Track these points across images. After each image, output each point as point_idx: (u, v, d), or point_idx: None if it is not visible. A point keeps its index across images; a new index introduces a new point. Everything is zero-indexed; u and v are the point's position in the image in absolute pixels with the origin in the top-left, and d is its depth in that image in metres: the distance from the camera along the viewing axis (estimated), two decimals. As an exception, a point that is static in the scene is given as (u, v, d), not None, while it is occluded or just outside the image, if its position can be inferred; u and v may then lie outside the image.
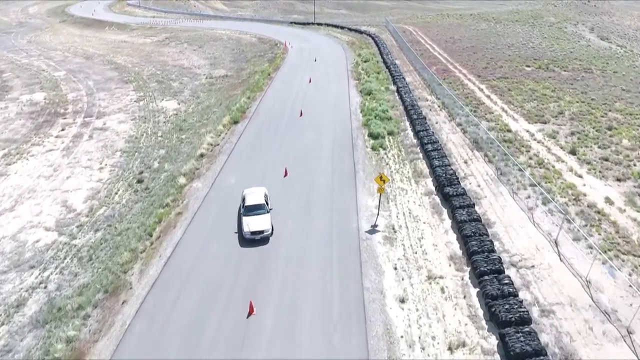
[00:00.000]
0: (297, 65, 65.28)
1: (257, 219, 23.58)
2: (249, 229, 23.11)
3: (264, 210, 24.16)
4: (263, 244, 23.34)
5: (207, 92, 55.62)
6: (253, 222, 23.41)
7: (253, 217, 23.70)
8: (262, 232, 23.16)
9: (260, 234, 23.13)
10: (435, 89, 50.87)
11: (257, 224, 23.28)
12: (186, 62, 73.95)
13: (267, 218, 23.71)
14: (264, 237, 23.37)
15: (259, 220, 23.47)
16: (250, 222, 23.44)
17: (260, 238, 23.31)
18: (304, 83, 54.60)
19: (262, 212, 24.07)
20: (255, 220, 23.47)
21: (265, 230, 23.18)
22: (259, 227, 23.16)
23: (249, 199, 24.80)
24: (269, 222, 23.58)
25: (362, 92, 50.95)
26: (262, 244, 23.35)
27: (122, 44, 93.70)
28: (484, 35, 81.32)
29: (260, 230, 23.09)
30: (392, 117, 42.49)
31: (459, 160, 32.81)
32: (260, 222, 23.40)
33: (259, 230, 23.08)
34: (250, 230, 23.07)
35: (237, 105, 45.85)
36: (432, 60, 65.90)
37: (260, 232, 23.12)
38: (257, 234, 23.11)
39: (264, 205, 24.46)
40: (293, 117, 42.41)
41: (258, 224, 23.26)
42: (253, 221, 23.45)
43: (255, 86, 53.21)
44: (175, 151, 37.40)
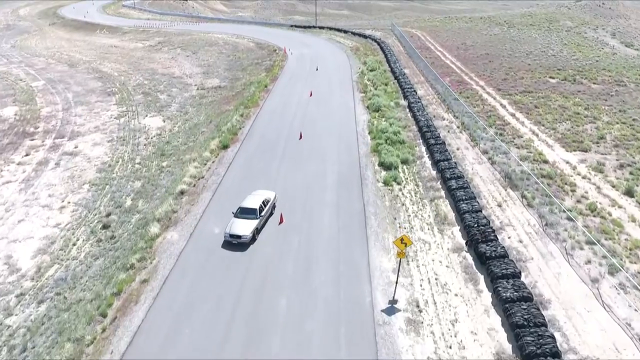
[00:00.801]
0: (297, 75, 59.74)
1: (242, 222, 23.06)
2: (229, 230, 22.76)
3: (254, 216, 23.51)
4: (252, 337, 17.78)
5: (197, 107, 50.11)
6: (237, 225, 22.95)
7: (240, 220, 23.24)
8: (240, 237, 22.52)
9: (238, 238, 22.55)
10: (452, 105, 45.31)
11: (238, 227, 22.78)
12: (177, 70, 68.47)
13: (252, 224, 23.01)
14: (241, 243, 22.65)
15: (242, 225, 22.90)
16: (234, 224, 23.05)
17: (238, 243, 22.64)
18: (304, 97, 49.07)
19: (252, 217, 23.45)
20: (239, 224, 22.97)
21: (243, 236, 22.50)
22: (238, 231, 22.62)
23: (247, 202, 24.55)
24: (252, 228, 22.82)
25: (370, 108, 45.41)
26: (252, 339, 17.78)
27: (112, 49, 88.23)
28: (498, 41, 75.74)
29: (238, 234, 22.52)
30: (405, 141, 36.95)
31: (491, 203, 27.20)
32: (243, 226, 22.83)
33: (237, 235, 22.54)
34: (230, 233, 22.67)
35: (229, 125, 40.32)
36: (445, 69, 60.31)
37: (238, 237, 22.53)
38: (235, 237, 22.56)
39: (255, 211, 23.74)
40: (291, 141, 36.86)
41: (239, 228, 22.73)
42: (237, 224, 22.99)
43: (250, 100, 47.67)
44: (153, 184, 31.87)
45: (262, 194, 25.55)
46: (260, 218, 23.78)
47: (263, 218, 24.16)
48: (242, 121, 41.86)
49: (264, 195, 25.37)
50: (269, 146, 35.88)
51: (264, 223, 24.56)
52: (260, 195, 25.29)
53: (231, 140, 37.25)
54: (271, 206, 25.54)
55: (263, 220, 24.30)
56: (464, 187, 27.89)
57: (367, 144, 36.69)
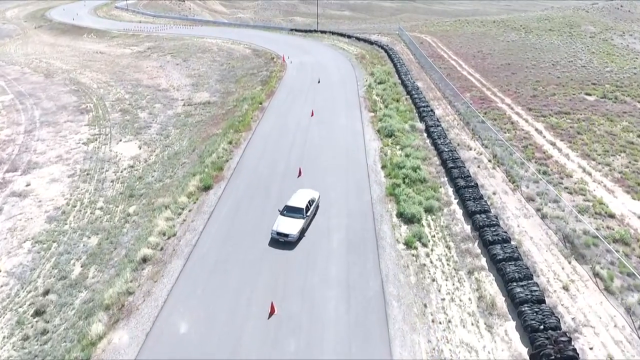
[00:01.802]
0: (297, 88, 53.02)
1: (289, 221, 23.03)
2: (277, 229, 22.70)
3: (300, 215, 23.46)
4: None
5: (181, 129, 43.42)
6: (284, 223, 22.90)
7: (286, 219, 23.19)
8: (287, 236, 22.55)
9: (285, 237, 22.57)
10: (478, 130, 38.57)
11: (286, 225, 22.74)
12: (164, 81, 61.79)
13: (299, 223, 22.97)
14: (288, 242, 22.63)
15: (290, 223, 22.88)
16: (281, 222, 23.01)
17: (285, 242, 22.65)
18: (305, 117, 42.37)
19: (299, 216, 23.41)
20: (286, 222, 22.93)
21: (291, 235, 22.52)
22: (286, 229, 22.60)
23: (293, 200, 24.43)
24: (299, 227, 22.80)
25: (381, 132, 38.70)
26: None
27: (97, 55, 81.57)
28: (517, 49, 68.98)
29: (286, 233, 22.53)
30: (427, 179, 30.29)
31: (554, 283, 20.42)
32: (290, 225, 22.77)
33: (284, 233, 22.54)
34: (277, 231, 22.64)
35: (214, 157, 33.61)
36: (463, 82, 53.56)
37: (285, 235, 22.55)
38: (282, 235, 22.58)
39: (302, 210, 23.66)
40: (288, 179, 30.16)
41: (287, 226, 22.70)
42: (284, 222, 22.95)
43: (241, 123, 40.95)
44: (112, 241, 25.19)
45: (307, 193, 25.20)
46: (307, 218, 23.60)
47: (309, 218, 23.96)
48: (230, 151, 35.12)
49: (309, 195, 25.07)
50: (260, 187, 29.14)
51: (308, 224, 24.13)
52: (306, 195, 25.00)
53: (215, 179, 30.52)
54: (315, 206, 25.25)
55: (308, 221, 23.96)
56: (515, 257, 21.17)
57: (381, 183, 29.98)
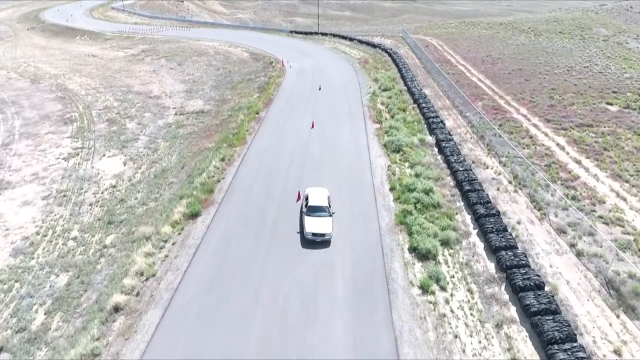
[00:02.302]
0: (296, 96, 49.78)
1: (319, 220, 23.07)
2: (311, 230, 22.57)
3: (326, 213, 23.66)
4: None
5: (171, 141, 40.18)
6: (315, 223, 22.85)
7: (315, 219, 23.19)
8: (324, 235, 22.58)
9: (321, 236, 22.59)
10: (494, 144, 35.32)
11: (319, 226, 22.71)
12: (156, 88, 58.55)
13: (329, 221, 23.16)
14: (324, 240, 22.76)
15: (321, 223, 22.90)
16: (312, 223, 22.89)
17: (321, 241, 22.73)
18: (305, 129, 39.13)
19: (325, 214, 23.56)
20: (317, 222, 22.91)
21: (327, 233, 22.61)
22: (320, 229, 22.57)
23: (313, 200, 24.30)
24: (331, 225, 23.00)
25: (388, 147, 35.48)
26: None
27: (88, 59, 78.35)
28: (528, 53, 65.71)
29: (322, 233, 22.53)
30: (441, 204, 27.09)
31: (601, 344, 17.11)
32: (323, 225, 22.81)
33: (320, 233, 22.53)
34: (312, 232, 22.56)
35: (204, 176, 30.36)
36: (473, 90, 50.31)
37: (321, 235, 22.56)
38: (318, 235, 22.57)
39: (326, 208, 23.97)
40: (286, 205, 26.90)
41: (320, 227, 22.68)
42: (315, 223, 22.89)
43: (235, 136, 37.71)
44: (83, 281, 21.96)
45: (321, 191, 25.28)
46: (332, 214, 23.91)
47: (333, 215, 24.07)
48: (223, 169, 31.87)
49: (324, 192, 25.20)
50: (254, 214, 25.87)
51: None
52: (321, 192, 25.12)
53: (204, 203, 27.27)
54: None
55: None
56: (552, 310, 17.92)
57: (390, 208, 26.74)
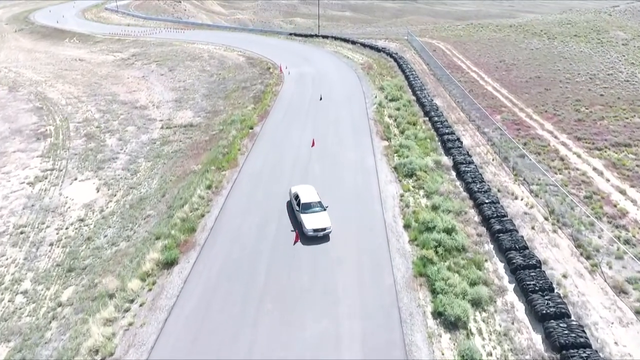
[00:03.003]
0: (295, 107, 45.32)
1: (316, 216, 23.28)
2: (312, 226, 22.70)
3: (320, 208, 23.91)
4: None
5: (153, 161, 35.70)
6: (314, 219, 23.04)
7: (312, 215, 23.33)
8: (325, 230, 22.81)
9: (322, 231, 22.78)
10: (520, 167, 30.84)
11: (318, 221, 22.96)
12: (144, 96, 54.08)
13: (326, 215, 23.47)
14: (325, 235, 22.97)
15: (319, 218, 23.16)
16: (310, 219, 23.04)
17: (323, 235, 22.90)
18: (304, 148, 34.67)
19: (319, 209, 23.80)
20: (315, 218, 23.12)
21: (327, 227, 22.89)
22: (320, 224, 22.84)
23: (304, 197, 24.36)
24: (329, 219, 23.24)
25: (399, 171, 31.04)
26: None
27: (75, 63, 73.88)
28: (544, 58, 61.21)
29: (323, 227, 22.78)
30: (467, 247, 22.65)
31: None
32: (321, 219, 23.10)
33: (321, 228, 22.74)
34: (313, 228, 22.65)
35: (186, 210, 25.87)
36: (490, 100, 45.84)
37: (322, 230, 22.77)
38: (319, 231, 22.72)
39: (320, 203, 24.19)
40: (281, 250, 22.41)
41: (319, 222, 22.93)
42: (313, 219, 23.08)
43: (226, 156, 33.26)
44: (25, 358, 17.48)
45: (308, 188, 25.47)
46: (326, 208, 24.05)
47: (327, 208, 24.24)
48: (209, 200, 27.37)
49: (311, 188, 25.42)
50: (244, 263, 21.35)
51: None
52: (309, 189, 25.34)
53: (183, 247, 22.80)
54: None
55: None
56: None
57: (406, 254, 22.28)
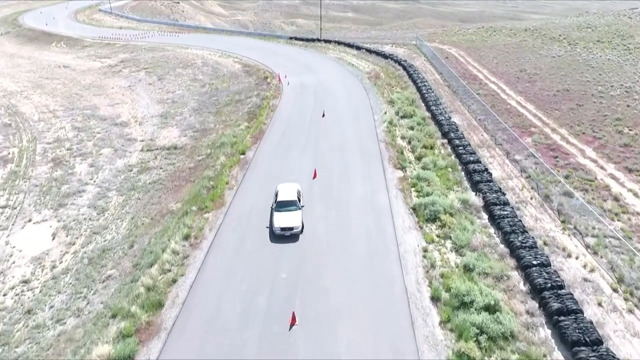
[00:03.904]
0: (294, 125, 39.87)
1: (288, 215, 23.23)
2: (279, 224, 22.77)
3: (295, 207, 23.75)
4: None
5: (126, 196, 30.24)
6: (284, 218, 23.06)
7: (284, 213, 23.33)
8: (292, 229, 22.75)
9: (290, 230, 22.75)
10: (565, 209, 25.36)
11: (287, 220, 22.95)
12: (127, 110, 48.67)
13: (298, 215, 23.33)
14: (293, 234, 22.79)
15: (289, 217, 23.11)
16: (280, 218, 23.09)
17: (290, 235, 22.76)
18: (304, 181, 29.12)
19: (294, 208, 23.69)
20: (285, 217, 23.11)
21: (295, 227, 22.78)
22: (289, 223, 22.82)
23: (282, 195, 24.37)
24: (300, 219, 23.14)
25: (419, 212, 25.58)
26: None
27: (58, 70, 68.53)
28: (568, 67, 55.64)
29: (290, 227, 22.73)
30: (516, 333, 17.20)
31: None
32: (290, 218, 23.05)
33: (288, 227, 22.71)
34: (280, 227, 22.73)
35: (154, 273, 20.44)
36: (516, 118, 40.32)
37: (290, 229, 22.74)
38: (286, 230, 22.72)
39: (296, 202, 24.01)
40: (274, 337, 16.94)
41: (288, 221, 22.91)
42: (284, 217, 23.10)
43: (211, 192, 27.81)
44: None
45: (291, 186, 25.31)
46: (302, 208, 23.89)
47: (302, 208, 24.05)
48: (184, 256, 21.89)
49: (294, 187, 25.17)
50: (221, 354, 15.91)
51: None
52: (292, 187, 25.10)
53: (143, 333, 17.34)
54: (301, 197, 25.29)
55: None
56: None
57: (437, 345, 16.82)
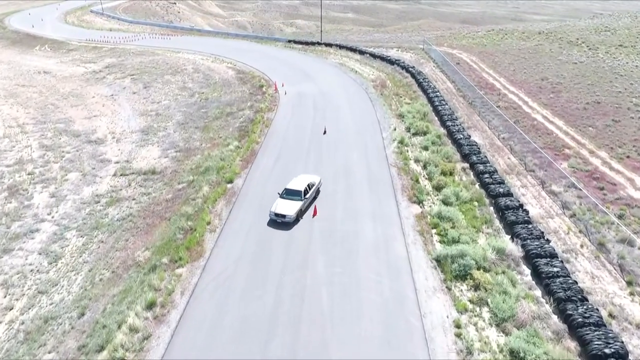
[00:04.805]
0: (292, 145, 34.73)
1: (287, 203, 23.70)
2: (274, 210, 23.44)
3: (298, 198, 24.10)
4: None
5: (87, 237, 25.04)
6: (282, 205, 23.60)
7: (285, 201, 23.86)
8: (284, 217, 23.15)
9: (282, 217, 23.20)
10: (627, 261, 20.27)
11: (284, 207, 23.41)
12: (104, 125, 43.47)
13: (297, 205, 23.60)
14: (285, 222, 23.23)
15: (287, 205, 23.54)
16: (279, 204, 23.72)
17: (282, 222, 23.26)
18: (303, 219, 24.01)
19: (297, 198, 24.05)
20: (284, 204, 23.61)
21: (288, 216, 23.11)
22: (283, 210, 23.26)
23: (292, 184, 25.12)
24: (296, 209, 23.39)
25: (445, 267, 20.45)
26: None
27: (37, 77, 63.35)
28: (594, 75, 50.53)
29: (283, 214, 23.16)
30: None
31: None
32: (288, 206, 23.45)
33: (281, 214, 23.19)
34: (275, 212, 23.35)
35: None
36: (545, 136, 35.24)
37: (282, 216, 23.19)
38: (280, 216, 23.25)
39: (300, 193, 24.30)
40: None
41: (284, 208, 23.36)
42: (282, 204, 23.63)
43: (187, 238, 22.64)
44: None
45: (307, 178, 25.94)
46: (305, 200, 24.24)
47: (307, 200, 24.60)
48: (145, 337, 16.70)
49: (308, 179, 25.70)
50: None
51: (308, 205, 24.73)
52: (306, 179, 25.69)
53: None
54: (315, 190, 25.73)
55: (307, 203, 24.63)
56: None
57: None
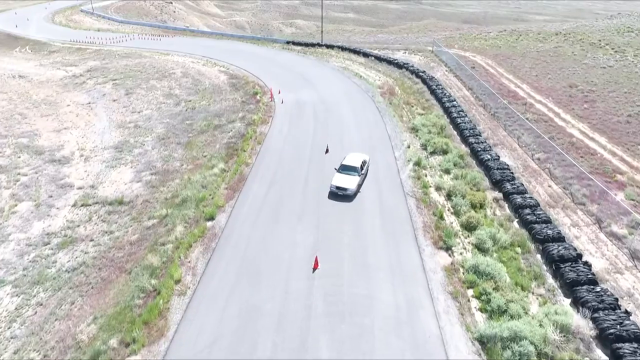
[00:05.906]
0: (287, 169, 29.14)
1: (346, 177, 25.67)
2: (336, 183, 25.38)
3: (355, 173, 25.98)
4: None
5: (24, 297, 19.41)
6: (342, 179, 25.54)
7: (343, 175, 25.83)
8: (346, 190, 25.03)
9: (344, 190, 25.06)
10: None
11: (345, 181, 25.38)
12: (73, 140, 37.87)
13: (355, 180, 25.54)
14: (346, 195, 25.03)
15: (347, 179, 25.52)
16: (339, 178, 25.66)
17: (343, 195, 25.06)
18: (299, 278, 18.47)
19: (354, 173, 25.95)
20: (344, 178, 25.58)
21: (349, 189, 25.01)
22: (344, 184, 25.20)
23: (347, 160, 26.99)
24: (356, 183, 25.38)
25: (492, 353, 14.83)
26: None
27: (11, 81, 57.73)
28: (629, 82, 45.00)
29: (345, 187, 25.07)
30: None
31: None
32: (348, 180, 25.44)
33: (343, 187, 25.10)
34: (336, 185, 25.30)
35: None
36: (587, 156, 29.76)
37: (344, 189, 25.06)
38: (341, 189, 25.13)
39: (357, 169, 26.16)
40: None
41: (345, 182, 25.32)
42: (342, 178, 25.58)
43: (148, 306, 17.09)
44: None
45: (360, 156, 27.57)
46: (362, 175, 26.21)
47: (363, 176, 26.53)
48: None
49: (362, 157, 27.43)
50: None
51: (362, 181, 26.28)
52: (359, 156, 27.37)
53: None
54: (367, 168, 27.45)
55: (363, 178, 26.40)
56: None
57: None
